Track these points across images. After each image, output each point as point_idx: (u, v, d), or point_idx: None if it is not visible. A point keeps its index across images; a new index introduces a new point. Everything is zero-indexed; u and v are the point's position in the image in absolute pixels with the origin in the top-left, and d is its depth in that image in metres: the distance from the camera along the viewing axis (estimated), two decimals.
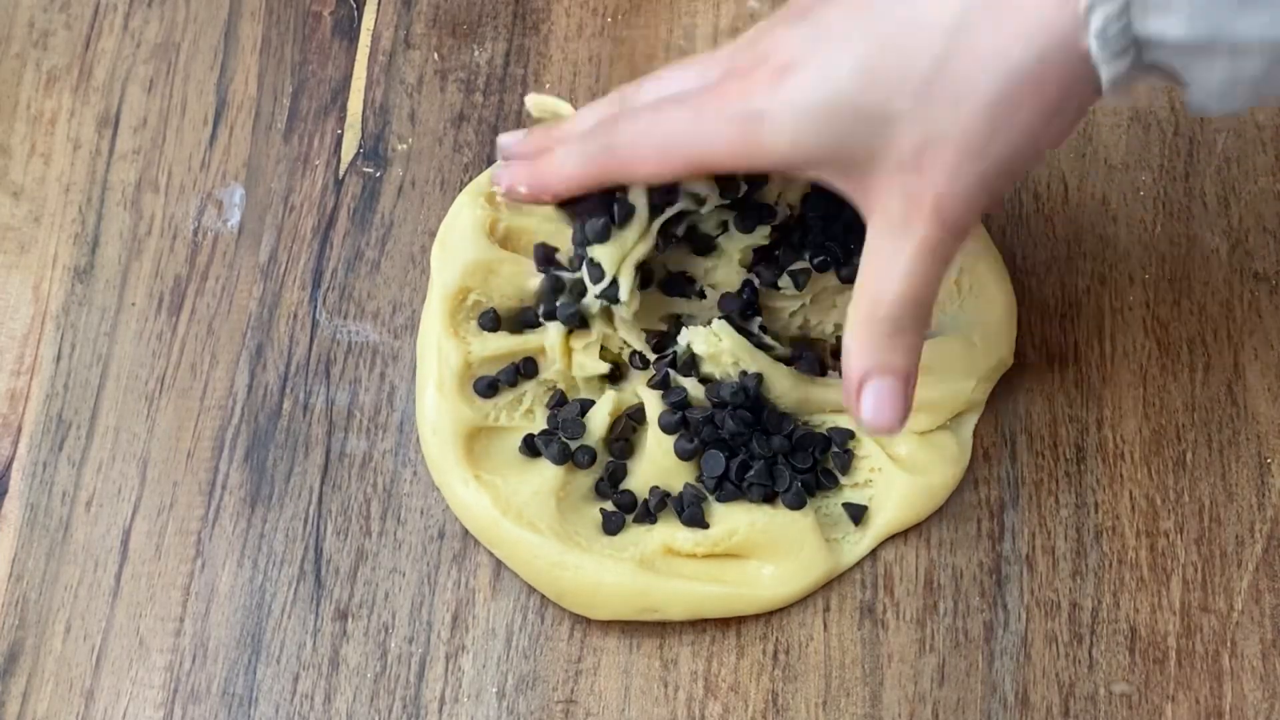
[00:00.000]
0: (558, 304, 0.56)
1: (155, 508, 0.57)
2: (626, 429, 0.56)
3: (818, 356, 0.57)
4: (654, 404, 0.55)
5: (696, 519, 0.55)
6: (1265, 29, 0.41)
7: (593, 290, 0.54)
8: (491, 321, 0.57)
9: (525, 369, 0.57)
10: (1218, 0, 0.41)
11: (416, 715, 0.54)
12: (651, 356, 0.57)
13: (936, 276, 0.47)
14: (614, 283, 0.54)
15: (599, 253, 0.53)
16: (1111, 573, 0.55)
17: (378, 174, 0.62)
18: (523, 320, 0.58)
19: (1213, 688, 0.54)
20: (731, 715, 0.54)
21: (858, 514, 0.56)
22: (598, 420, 0.56)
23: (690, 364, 0.56)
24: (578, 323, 0.56)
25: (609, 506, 0.56)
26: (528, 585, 0.55)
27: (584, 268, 0.54)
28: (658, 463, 0.55)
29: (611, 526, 0.55)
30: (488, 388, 0.57)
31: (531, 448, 0.56)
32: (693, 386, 0.55)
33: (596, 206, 0.53)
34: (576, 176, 0.52)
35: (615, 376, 0.57)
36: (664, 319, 0.58)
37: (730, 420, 0.55)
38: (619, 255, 0.54)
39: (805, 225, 0.56)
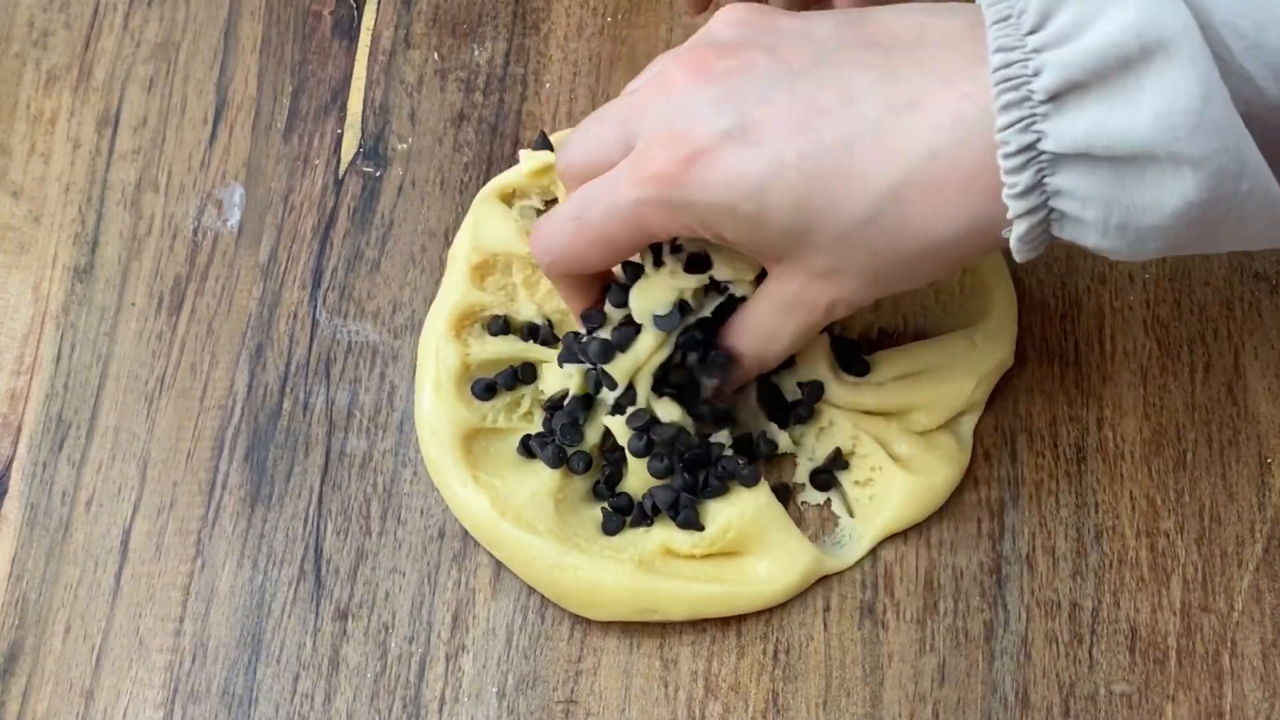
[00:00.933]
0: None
1: (155, 508, 0.57)
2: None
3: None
4: (621, 431, 0.55)
5: (691, 521, 0.55)
6: (1162, 225, 0.44)
7: (608, 396, 0.54)
8: (501, 327, 0.57)
9: (524, 374, 0.57)
10: (1124, 217, 0.44)
11: (416, 715, 0.54)
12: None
13: (804, 343, 0.54)
14: (630, 390, 0.54)
15: (609, 367, 0.53)
16: (1112, 573, 0.55)
17: (378, 174, 0.62)
18: (530, 331, 0.58)
19: (1213, 688, 0.54)
20: (732, 715, 0.54)
21: (825, 483, 0.56)
22: (594, 424, 0.56)
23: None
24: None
25: (607, 507, 0.56)
26: (528, 585, 0.55)
27: (597, 374, 0.54)
28: (642, 474, 0.55)
29: (611, 527, 0.55)
30: (485, 390, 0.56)
31: (529, 449, 0.56)
32: (664, 409, 0.54)
33: (597, 315, 0.54)
34: (564, 294, 0.55)
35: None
36: None
37: (694, 433, 0.55)
38: (632, 367, 0.54)
39: None
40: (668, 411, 0.54)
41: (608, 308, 0.54)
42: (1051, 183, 0.44)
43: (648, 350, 0.53)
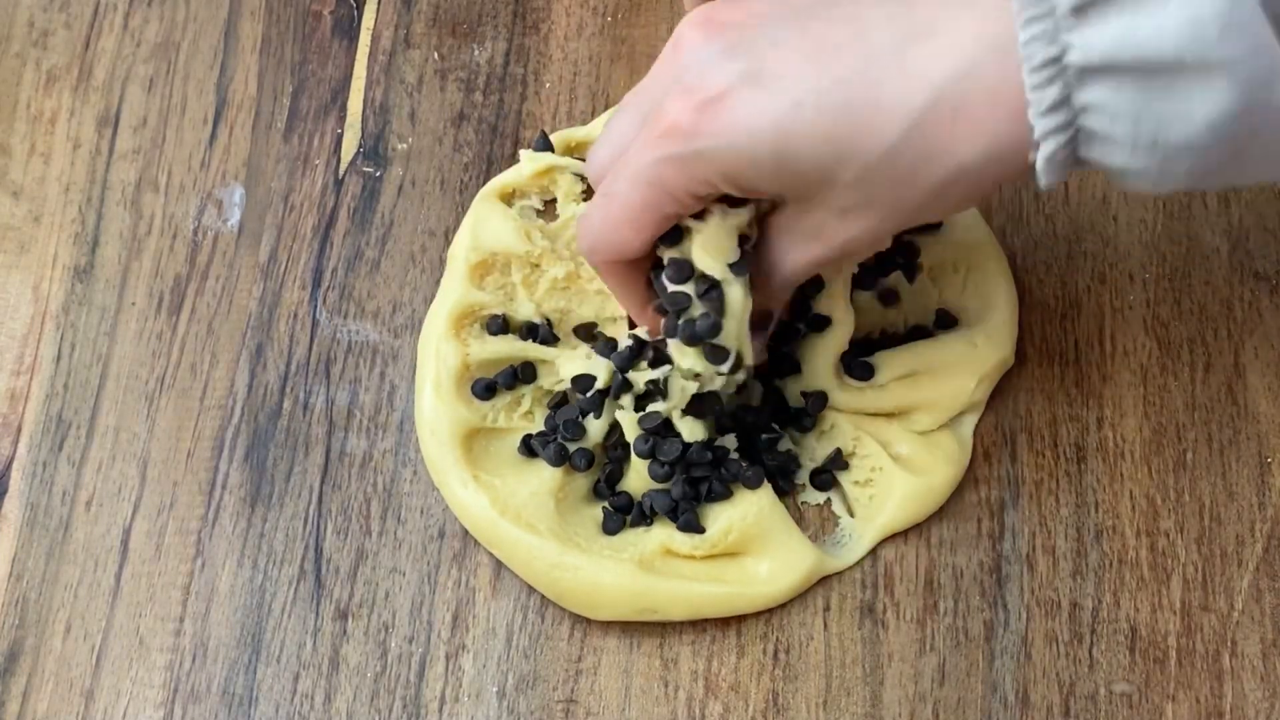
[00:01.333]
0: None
1: (155, 507, 0.57)
2: (624, 434, 0.56)
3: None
4: (631, 428, 0.55)
5: (692, 525, 0.55)
6: (1194, 140, 0.43)
7: (719, 371, 0.52)
8: (500, 327, 0.57)
9: (524, 374, 0.57)
10: (1154, 132, 0.43)
11: (416, 715, 0.54)
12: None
13: (813, 273, 0.52)
14: (738, 358, 0.52)
15: (719, 339, 0.51)
16: (1112, 572, 0.55)
17: (378, 173, 0.62)
18: (529, 330, 0.58)
19: (1213, 687, 0.54)
20: (732, 715, 0.54)
21: (825, 483, 0.56)
22: (596, 423, 0.56)
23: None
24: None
25: (608, 506, 0.56)
26: (528, 585, 0.55)
27: (700, 355, 0.52)
28: (644, 474, 0.55)
29: (611, 526, 0.55)
30: (485, 390, 0.57)
31: (530, 449, 0.56)
32: (688, 428, 0.54)
33: (683, 298, 0.51)
34: (618, 293, 0.53)
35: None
36: None
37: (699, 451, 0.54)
38: (738, 330, 0.51)
39: None
40: (692, 430, 0.54)
41: (676, 289, 0.51)
42: (1079, 98, 0.43)
43: (740, 303, 0.51)
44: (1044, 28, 0.42)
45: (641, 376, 0.54)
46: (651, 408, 0.54)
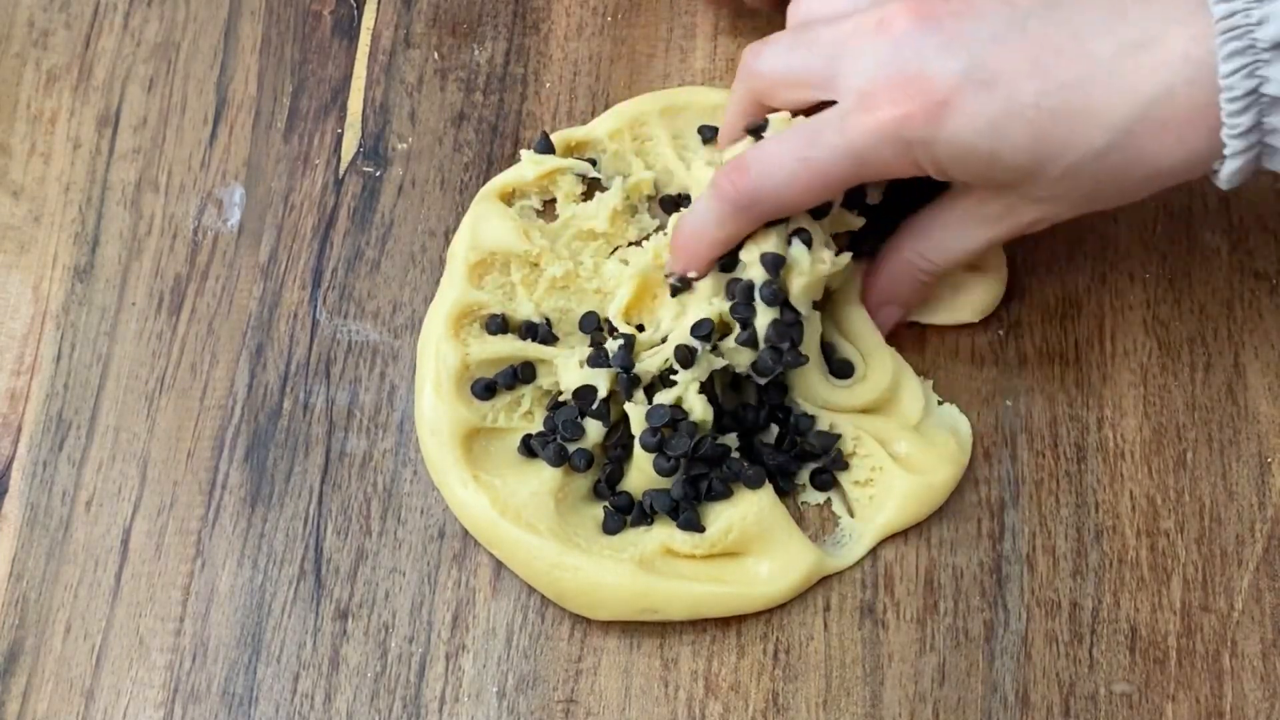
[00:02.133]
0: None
1: (155, 507, 0.57)
2: (625, 435, 0.56)
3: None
4: (638, 421, 0.55)
5: (692, 523, 0.55)
6: None
7: (703, 344, 0.54)
8: (499, 326, 0.58)
9: (524, 373, 0.57)
10: None
11: (417, 715, 0.54)
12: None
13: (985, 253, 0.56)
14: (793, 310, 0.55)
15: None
16: (1112, 572, 0.55)
17: (378, 173, 0.62)
18: (527, 330, 0.58)
19: (1213, 687, 0.54)
20: (732, 715, 0.54)
21: (825, 483, 0.56)
22: (595, 423, 0.56)
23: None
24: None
25: (609, 506, 0.56)
26: (528, 585, 0.55)
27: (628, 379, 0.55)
28: (646, 471, 0.55)
29: (611, 526, 0.55)
30: (485, 390, 0.57)
31: (530, 449, 0.56)
32: (700, 406, 0.55)
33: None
34: (721, 241, 0.54)
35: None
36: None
37: (707, 441, 0.55)
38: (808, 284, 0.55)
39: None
40: (704, 410, 0.54)
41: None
42: (1269, 122, 0.47)
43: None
44: (1244, 61, 0.46)
45: (651, 366, 0.54)
46: (667, 393, 0.54)
